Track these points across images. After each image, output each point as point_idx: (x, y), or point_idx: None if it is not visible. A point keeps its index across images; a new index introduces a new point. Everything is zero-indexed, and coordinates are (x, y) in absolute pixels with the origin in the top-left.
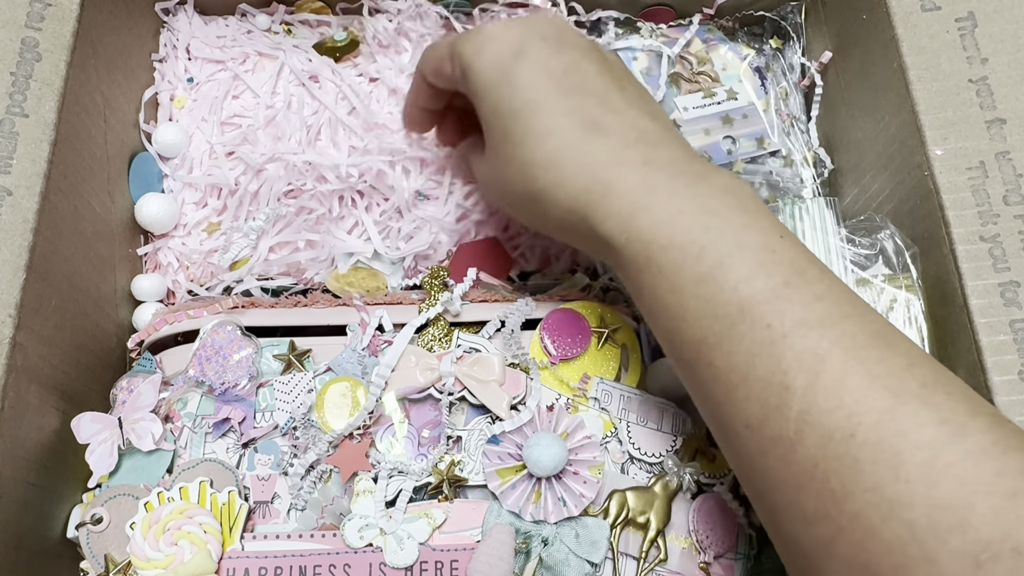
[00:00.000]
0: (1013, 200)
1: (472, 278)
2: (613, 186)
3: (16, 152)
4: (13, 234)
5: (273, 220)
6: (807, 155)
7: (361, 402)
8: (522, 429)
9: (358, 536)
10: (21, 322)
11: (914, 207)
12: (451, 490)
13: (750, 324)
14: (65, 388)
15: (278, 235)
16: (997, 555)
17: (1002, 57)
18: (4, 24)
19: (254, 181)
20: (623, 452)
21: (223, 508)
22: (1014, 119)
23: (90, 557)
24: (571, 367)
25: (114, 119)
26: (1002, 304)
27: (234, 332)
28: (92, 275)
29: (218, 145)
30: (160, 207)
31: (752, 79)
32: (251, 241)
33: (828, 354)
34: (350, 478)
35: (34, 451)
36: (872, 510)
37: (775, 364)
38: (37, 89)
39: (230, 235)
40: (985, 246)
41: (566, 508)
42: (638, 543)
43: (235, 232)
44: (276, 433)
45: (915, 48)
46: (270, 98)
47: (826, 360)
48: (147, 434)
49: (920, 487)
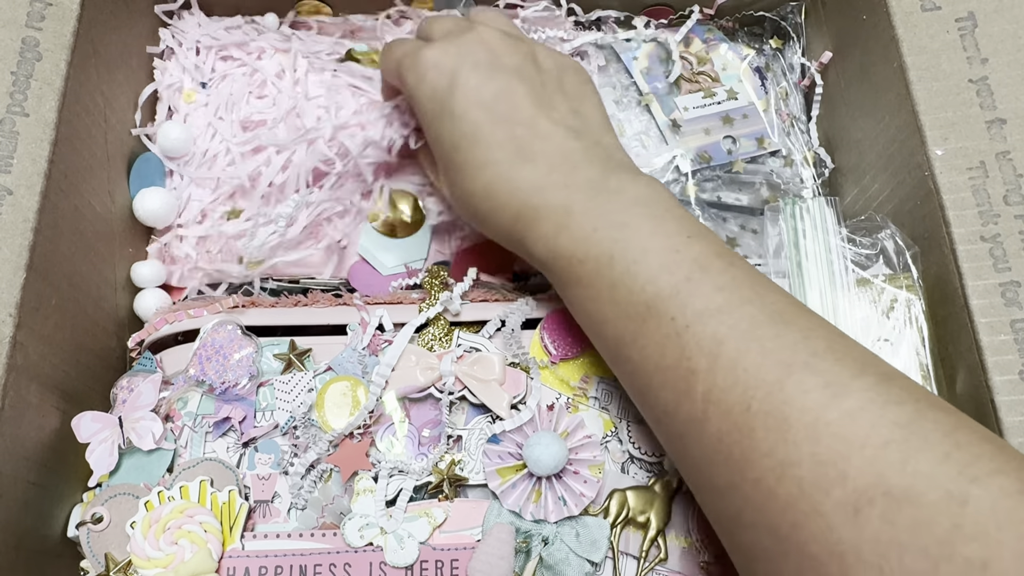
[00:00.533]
0: (1013, 200)
1: (472, 278)
2: (539, 211)
3: (16, 151)
4: (13, 233)
5: (303, 206)
6: (807, 155)
7: (361, 401)
8: (522, 428)
9: (358, 535)
10: (21, 321)
11: (914, 207)
12: (451, 489)
13: (657, 319)
14: (65, 387)
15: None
16: (872, 500)
17: (1002, 57)
18: (5, 23)
19: (280, 175)
20: (623, 451)
21: (223, 507)
22: (1014, 119)
23: (90, 556)
24: (571, 366)
25: (115, 119)
26: (1003, 304)
27: (234, 331)
28: (92, 274)
29: (235, 145)
30: (159, 201)
31: (752, 79)
32: (280, 228)
33: (726, 338)
34: (350, 477)
35: (34, 450)
36: (769, 473)
37: (680, 352)
38: (38, 88)
39: (256, 222)
40: (986, 246)
41: (566, 507)
42: (638, 542)
43: (261, 218)
44: (276, 432)
45: (915, 48)
46: (292, 88)
47: (724, 343)
48: (147, 433)
49: (805, 447)
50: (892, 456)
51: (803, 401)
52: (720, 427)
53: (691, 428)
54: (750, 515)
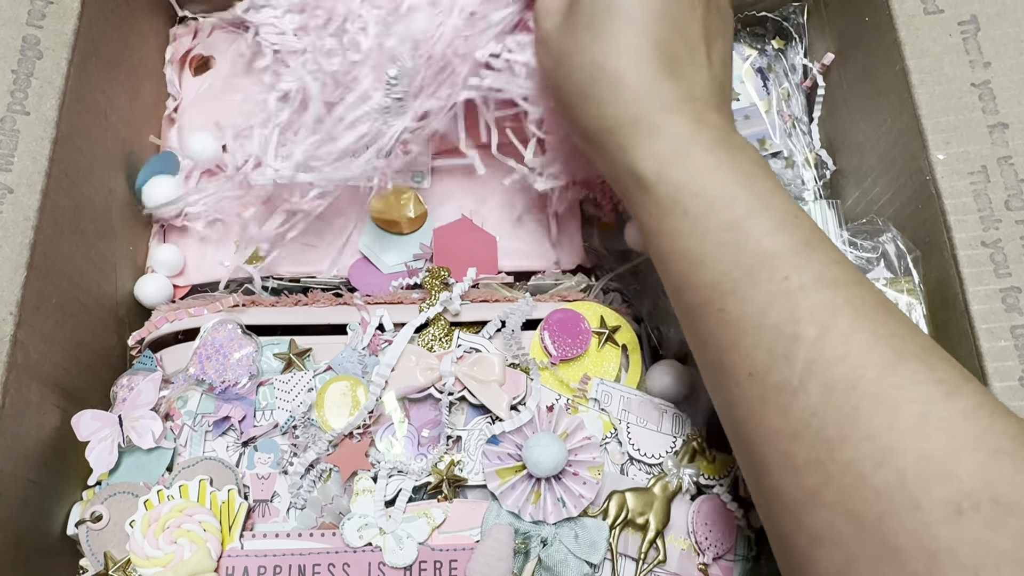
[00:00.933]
0: (1015, 205)
1: (472, 278)
2: (662, 129)
3: (17, 150)
4: (14, 232)
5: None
6: (809, 157)
7: (361, 401)
8: (522, 429)
9: (357, 535)
10: (22, 319)
11: (916, 211)
12: (450, 490)
13: (769, 274)
14: (66, 385)
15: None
16: (977, 504)
17: (1005, 61)
18: (5, 22)
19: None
20: (623, 453)
21: (223, 506)
22: (1016, 123)
23: (90, 555)
24: (571, 368)
25: (115, 117)
26: (1003, 309)
27: (235, 330)
28: (93, 273)
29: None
30: (169, 189)
31: (754, 80)
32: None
33: (840, 310)
34: (350, 477)
35: (34, 448)
36: (865, 457)
37: (788, 314)
38: (38, 87)
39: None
40: (987, 251)
41: (565, 509)
42: (637, 544)
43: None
44: (276, 432)
45: (917, 51)
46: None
47: (838, 315)
48: (147, 432)
49: (912, 437)
50: (1004, 465)
51: (915, 391)
52: (817, 401)
53: (780, 395)
54: (832, 495)
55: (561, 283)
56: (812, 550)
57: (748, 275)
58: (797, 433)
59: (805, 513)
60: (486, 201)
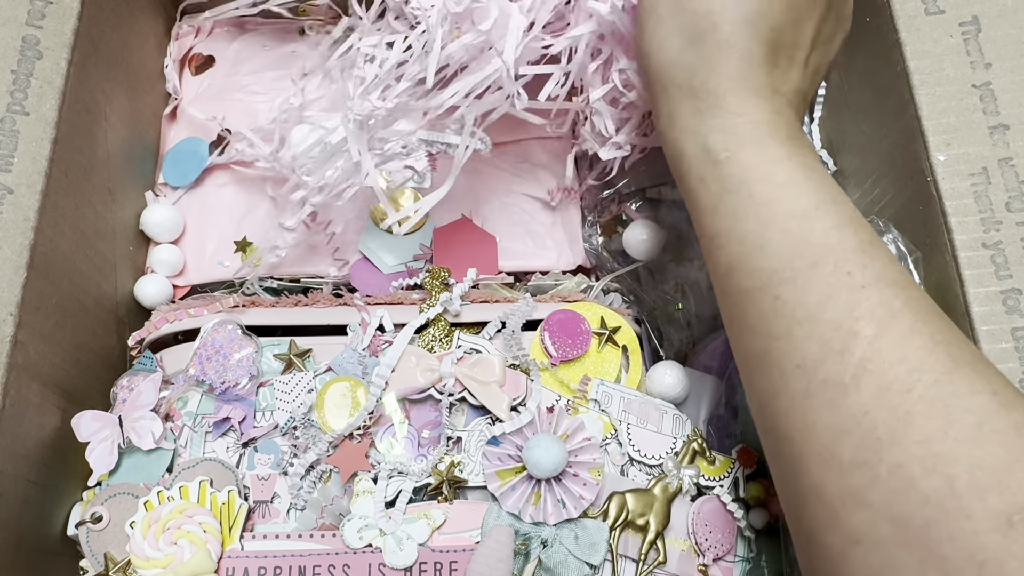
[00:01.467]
0: (1016, 207)
1: (472, 278)
2: (743, 110)
3: (17, 150)
4: (14, 232)
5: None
6: None
7: (361, 402)
8: (522, 431)
9: (357, 536)
10: (22, 320)
11: (916, 212)
12: (451, 491)
13: (833, 267)
14: (66, 386)
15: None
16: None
17: (1006, 62)
18: (5, 22)
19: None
20: (623, 454)
21: (223, 507)
22: (1017, 125)
23: (90, 555)
24: (571, 368)
25: (115, 117)
26: (1004, 312)
27: (235, 331)
28: (93, 273)
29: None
30: (164, 216)
31: None
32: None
33: (900, 312)
34: (350, 478)
35: (34, 449)
36: (916, 462)
37: (848, 310)
38: (38, 87)
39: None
40: (987, 253)
41: (565, 510)
42: (637, 545)
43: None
44: (276, 433)
45: (918, 52)
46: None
47: (898, 317)
48: (147, 433)
49: (966, 446)
50: None
51: (971, 401)
52: (869, 400)
53: (829, 391)
54: (876, 497)
55: (561, 284)
56: (847, 549)
57: (810, 266)
58: (845, 430)
59: (844, 512)
60: (486, 201)
